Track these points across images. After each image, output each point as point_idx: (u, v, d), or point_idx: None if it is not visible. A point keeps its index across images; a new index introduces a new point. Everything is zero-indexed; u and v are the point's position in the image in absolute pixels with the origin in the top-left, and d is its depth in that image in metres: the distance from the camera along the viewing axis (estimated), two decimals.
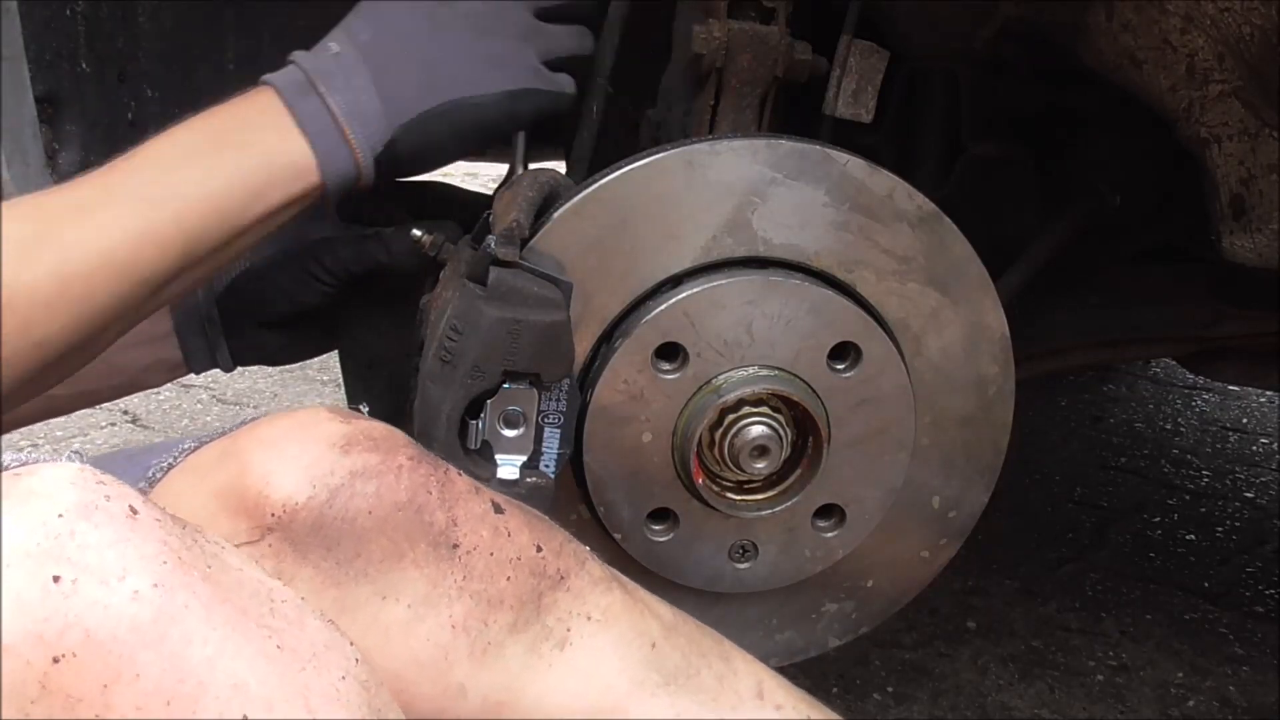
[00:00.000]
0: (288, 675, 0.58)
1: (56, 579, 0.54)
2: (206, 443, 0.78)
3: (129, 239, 0.88)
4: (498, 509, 0.78)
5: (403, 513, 0.74)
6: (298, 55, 0.96)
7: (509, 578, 0.76)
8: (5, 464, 0.66)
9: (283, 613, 0.61)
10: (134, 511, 0.58)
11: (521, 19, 1.00)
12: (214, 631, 0.57)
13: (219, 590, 0.58)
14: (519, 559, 0.76)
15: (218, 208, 0.91)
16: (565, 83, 1.02)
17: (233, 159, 0.92)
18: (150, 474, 0.78)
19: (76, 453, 0.66)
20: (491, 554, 0.75)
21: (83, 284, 0.85)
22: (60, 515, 0.56)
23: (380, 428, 0.78)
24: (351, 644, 0.63)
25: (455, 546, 0.75)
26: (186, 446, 0.79)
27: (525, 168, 1.06)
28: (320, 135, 0.94)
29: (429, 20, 0.98)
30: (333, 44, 0.96)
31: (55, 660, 0.53)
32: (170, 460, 0.78)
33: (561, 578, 0.78)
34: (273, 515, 0.72)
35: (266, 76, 0.95)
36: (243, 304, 1.12)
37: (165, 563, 0.57)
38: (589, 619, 0.78)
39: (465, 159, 1.80)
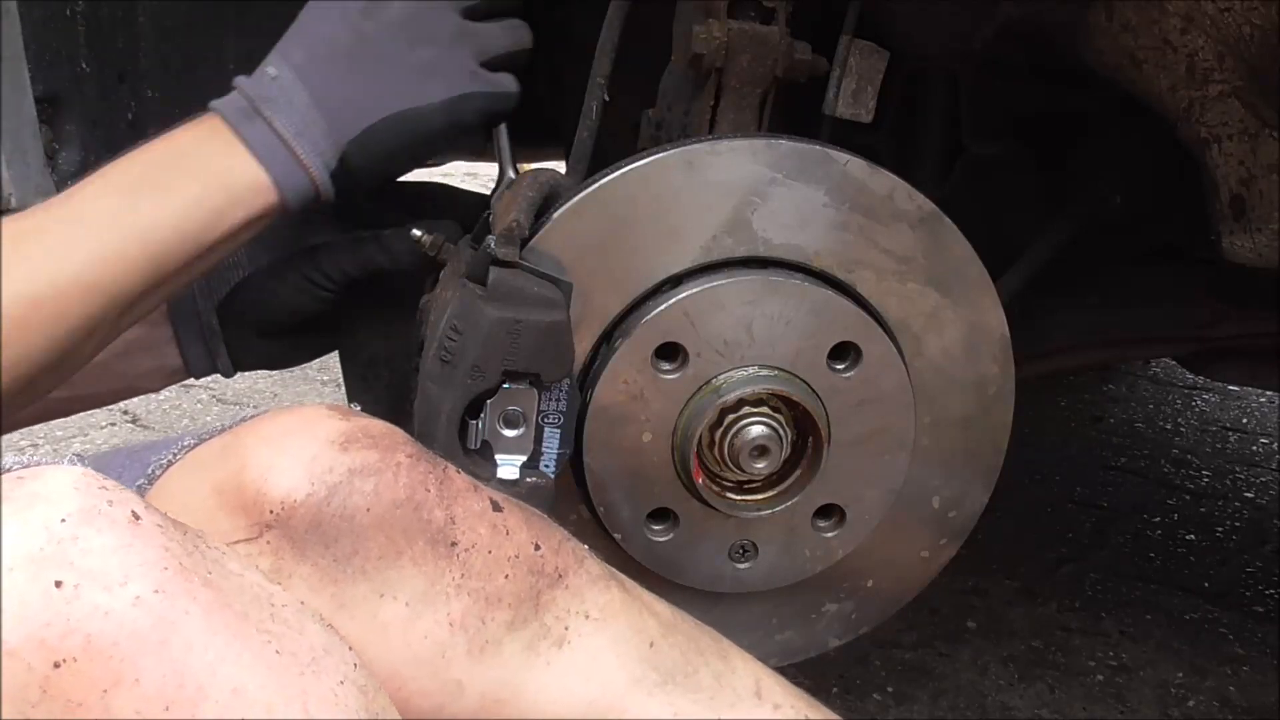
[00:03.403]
0: (286, 680, 0.59)
1: (59, 584, 0.55)
2: (208, 439, 0.78)
3: (96, 260, 0.89)
4: (496, 507, 0.78)
5: (401, 510, 0.74)
6: (239, 80, 0.96)
7: (507, 575, 0.76)
8: (6, 465, 0.66)
9: (283, 617, 0.61)
10: (136, 517, 0.58)
11: (450, 21, 0.98)
12: (214, 637, 0.57)
13: (220, 596, 0.59)
14: (517, 557, 0.76)
15: (180, 229, 0.92)
16: (507, 82, 1.01)
17: (191, 182, 0.93)
18: (150, 470, 0.78)
19: (78, 455, 0.66)
20: (490, 552, 0.75)
21: (54, 304, 0.87)
22: (63, 520, 0.56)
23: (380, 425, 0.78)
24: (350, 649, 0.64)
25: (453, 544, 0.75)
26: (187, 443, 0.79)
27: (514, 167, 1.05)
28: (272, 157, 0.95)
29: (356, 35, 0.97)
30: (270, 68, 0.96)
31: (56, 665, 0.53)
32: (171, 457, 0.78)
33: (560, 576, 0.78)
34: (271, 512, 0.72)
35: (213, 103, 0.96)
36: (243, 311, 1.12)
37: (166, 569, 0.57)
38: (587, 617, 0.79)
39: (467, 158, 1.80)
